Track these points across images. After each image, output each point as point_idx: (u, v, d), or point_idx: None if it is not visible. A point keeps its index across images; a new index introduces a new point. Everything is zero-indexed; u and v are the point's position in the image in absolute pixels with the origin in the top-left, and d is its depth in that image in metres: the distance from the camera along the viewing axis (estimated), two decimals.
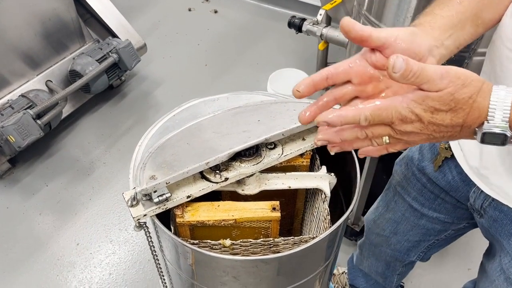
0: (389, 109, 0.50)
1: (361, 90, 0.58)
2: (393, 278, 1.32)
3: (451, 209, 0.98)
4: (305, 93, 0.57)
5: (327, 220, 0.79)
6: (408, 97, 0.50)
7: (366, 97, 0.59)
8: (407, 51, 0.55)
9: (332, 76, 0.57)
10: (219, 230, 0.77)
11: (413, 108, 0.50)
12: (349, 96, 0.59)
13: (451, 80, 0.48)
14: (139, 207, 0.70)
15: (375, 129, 0.53)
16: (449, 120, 0.50)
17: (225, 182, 0.75)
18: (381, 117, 0.51)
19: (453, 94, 0.49)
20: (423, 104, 0.49)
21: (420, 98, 0.49)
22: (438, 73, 0.48)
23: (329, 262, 0.85)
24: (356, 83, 0.58)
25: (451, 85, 0.48)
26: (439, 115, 0.50)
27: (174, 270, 0.83)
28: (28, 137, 1.79)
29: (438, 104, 0.49)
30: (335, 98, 0.59)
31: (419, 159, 0.98)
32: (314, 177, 0.82)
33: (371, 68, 0.57)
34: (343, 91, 0.58)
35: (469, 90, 0.49)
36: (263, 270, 0.71)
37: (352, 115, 0.52)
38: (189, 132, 0.80)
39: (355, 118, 0.52)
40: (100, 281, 1.66)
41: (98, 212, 1.89)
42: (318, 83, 0.57)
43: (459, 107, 0.49)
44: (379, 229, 1.18)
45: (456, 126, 0.51)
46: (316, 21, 1.90)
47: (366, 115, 0.51)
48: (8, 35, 1.90)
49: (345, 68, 0.57)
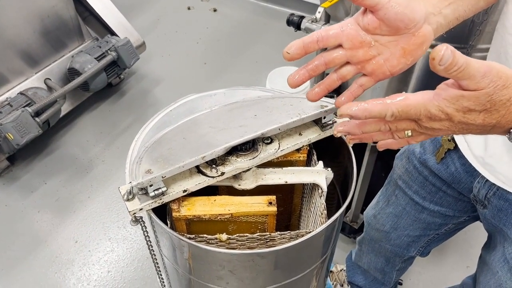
0: (418, 106, 0.48)
1: (352, 55, 0.57)
2: (392, 274, 1.32)
3: (452, 202, 0.99)
4: (295, 55, 0.56)
5: (323, 215, 0.79)
6: (441, 95, 0.48)
7: (357, 62, 0.58)
8: (401, 15, 0.52)
9: (323, 39, 0.56)
10: (215, 225, 0.77)
11: (444, 108, 0.48)
12: (340, 61, 0.58)
13: (492, 79, 0.45)
14: (135, 201, 0.70)
15: (400, 124, 0.52)
16: (481, 120, 0.48)
17: (222, 176, 0.75)
18: (408, 114, 0.49)
19: (491, 96, 0.46)
20: (457, 104, 0.47)
21: (454, 98, 0.47)
22: (482, 71, 0.45)
23: (326, 257, 0.85)
24: (347, 47, 0.57)
25: (491, 85, 0.45)
26: (471, 115, 0.48)
27: (170, 265, 0.83)
28: (26, 135, 1.79)
29: (473, 104, 0.47)
30: (325, 62, 0.58)
31: (421, 152, 0.98)
32: (311, 172, 0.81)
33: (363, 33, 0.55)
34: (333, 55, 0.57)
35: (509, 92, 0.46)
36: (260, 264, 0.70)
37: (378, 110, 0.50)
38: (185, 127, 0.79)
39: (381, 113, 0.50)
40: (99, 279, 1.66)
41: (97, 210, 1.89)
42: (309, 46, 0.55)
43: (494, 109, 0.47)
44: (379, 224, 1.18)
45: (487, 126, 0.49)
46: (314, 18, 1.89)
47: (393, 111, 0.49)
48: (7, 33, 1.90)
49: (336, 31, 0.56)
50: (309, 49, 0.56)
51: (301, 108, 0.79)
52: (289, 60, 0.56)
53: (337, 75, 0.60)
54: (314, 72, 0.58)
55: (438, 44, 0.44)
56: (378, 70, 0.58)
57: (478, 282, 0.98)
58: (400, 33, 0.55)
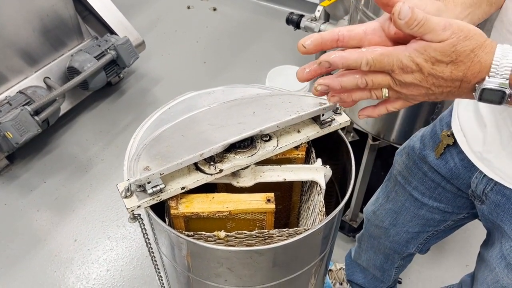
0: (391, 56, 0.50)
1: None
2: (391, 271, 1.32)
3: (451, 198, 0.99)
4: (311, 49, 0.54)
5: (322, 212, 0.79)
6: (411, 46, 0.50)
7: None
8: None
9: (344, 40, 0.54)
10: (214, 222, 0.77)
11: (414, 57, 0.50)
12: None
13: (453, 31, 0.48)
14: (133, 199, 0.70)
15: (375, 76, 0.53)
16: (449, 73, 0.50)
17: (220, 173, 0.75)
18: (382, 63, 0.51)
19: (455, 46, 0.48)
20: (425, 54, 0.49)
21: (422, 48, 0.49)
22: (442, 24, 0.48)
23: (324, 254, 0.85)
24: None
25: (454, 36, 0.48)
26: (439, 67, 0.50)
27: (169, 262, 0.83)
28: (25, 134, 1.79)
29: (440, 54, 0.49)
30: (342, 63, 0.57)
31: (421, 148, 0.98)
32: (309, 170, 0.81)
33: (387, 40, 0.54)
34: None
35: (471, 43, 0.49)
36: (258, 262, 0.70)
37: (354, 58, 0.51)
38: (184, 124, 0.79)
39: (357, 61, 0.51)
40: (98, 277, 1.66)
41: (96, 208, 1.89)
42: (327, 43, 0.54)
43: (460, 60, 0.49)
44: (378, 220, 1.18)
45: (455, 80, 0.51)
46: (314, 17, 1.89)
47: (368, 59, 0.51)
48: (6, 32, 1.90)
49: (359, 33, 0.54)
50: (326, 47, 0.55)
51: (299, 105, 0.79)
52: (303, 53, 0.55)
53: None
54: (326, 70, 0.56)
55: None
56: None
57: (476, 279, 0.98)
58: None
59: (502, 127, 0.74)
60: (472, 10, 0.61)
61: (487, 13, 0.65)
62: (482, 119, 0.78)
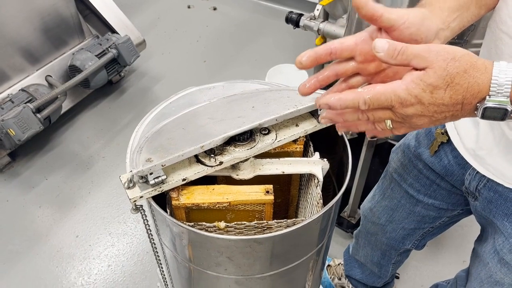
0: (387, 92, 0.51)
1: (363, 67, 0.59)
2: (388, 267, 1.34)
3: (446, 195, 1.00)
4: (307, 65, 0.57)
5: (319, 204, 0.81)
6: (406, 78, 0.50)
7: (367, 74, 0.60)
8: (415, 35, 0.55)
9: (336, 52, 0.57)
10: (214, 213, 0.79)
11: (411, 90, 0.50)
12: (350, 72, 0.60)
13: (438, 53, 0.49)
14: (136, 189, 0.72)
15: (376, 112, 0.54)
16: (449, 98, 0.50)
17: (220, 166, 0.77)
18: (380, 101, 0.51)
19: (446, 69, 0.49)
20: (421, 84, 0.49)
21: (417, 78, 0.49)
22: (425, 47, 0.49)
23: (322, 246, 0.87)
24: (359, 61, 0.58)
25: (440, 58, 0.49)
26: (438, 94, 0.50)
27: (170, 253, 0.85)
28: (28, 131, 1.80)
29: (436, 80, 0.49)
30: (337, 73, 0.60)
31: (416, 145, 1.00)
32: (307, 163, 0.83)
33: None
34: (345, 68, 0.59)
35: (461, 64, 0.49)
36: (257, 251, 0.72)
37: (351, 99, 0.52)
38: (185, 118, 0.81)
39: (354, 102, 0.52)
40: (99, 273, 1.68)
41: (97, 205, 1.91)
42: (321, 57, 0.57)
43: (456, 83, 0.49)
44: (375, 217, 1.20)
45: (456, 104, 0.51)
46: (313, 16, 1.91)
47: (365, 99, 0.51)
48: (8, 30, 1.92)
49: (350, 45, 0.57)
50: (321, 60, 0.57)
51: (297, 100, 0.81)
52: (301, 69, 0.58)
53: (346, 84, 0.62)
54: (324, 82, 0.60)
55: None
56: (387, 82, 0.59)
57: (470, 274, 1.00)
58: None
59: (495, 125, 0.75)
60: (460, 13, 0.62)
61: (477, 16, 0.66)
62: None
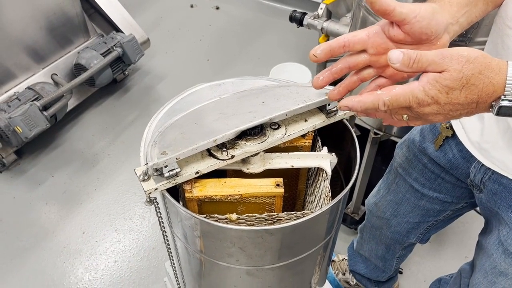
0: (406, 94, 0.53)
1: (375, 60, 0.61)
2: (392, 261, 1.36)
3: (450, 188, 1.03)
4: (322, 58, 0.60)
5: (328, 197, 0.83)
6: (423, 80, 0.52)
7: (379, 67, 0.62)
8: (425, 29, 0.58)
9: (349, 44, 0.60)
10: (225, 206, 0.81)
11: (428, 91, 0.52)
12: (363, 65, 0.62)
13: (452, 57, 0.51)
14: (151, 182, 0.74)
15: (394, 110, 0.56)
16: (464, 97, 0.52)
17: (232, 159, 0.79)
18: (398, 102, 0.53)
19: (461, 71, 0.51)
20: (437, 85, 0.51)
21: (433, 80, 0.51)
22: (439, 54, 0.51)
23: (329, 238, 0.89)
24: (372, 53, 0.61)
25: (454, 62, 0.51)
26: (453, 94, 0.52)
27: (182, 244, 0.87)
28: (35, 128, 1.83)
29: (451, 82, 0.51)
30: (349, 66, 0.62)
31: (421, 140, 1.02)
32: (315, 157, 0.85)
33: (388, 41, 0.59)
34: (357, 60, 0.62)
35: (476, 66, 0.51)
36: (268, 241, 0.74)
37: (371, 101, 0.55)
38: (196, 113, 0.83)
39: (374, 103, 0.54)
40: (106, 268, 1.70)
41: (103, 202, 1.93)
42: (335, 50, 0.60)
43: (471, 83, 0.51)
44: (380, 211, 1.22)
45: (471, 103, 0.53)
46: (317, 15, 1.93)
47: (384, 101, 0.54)
48: (14, 29, 1.94)
49: (363, 37, 0.60)
50: (335, 53, 0.60)
51: (306, 95, 0.83)
52: (315, 62, 0.61)
53: (358, 77, 0.64)
54: (338, 75, 0.62)
55: None
56: (398, 74, 0.62)
57: (475, 266, 1.02)
58: (422, 43, 0.60)
59: (500, 118, 0.77)
60: (469, 9, 0.64)
61: (484, 12, 0.68)
62: None
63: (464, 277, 1.15)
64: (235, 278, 0.86)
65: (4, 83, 1.98)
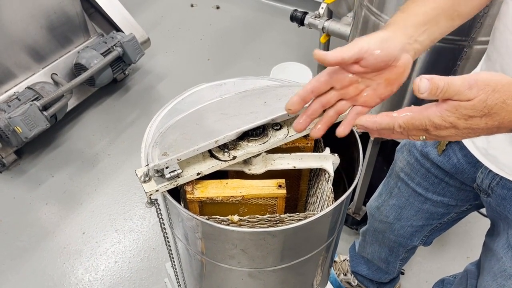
0: (422, 118, 0.52)
1: (344, 93, 0.64)
2: (396, 263, 1.34)
3: (455, 192, 1.01)
4: (296, 109, 0.64)
5: (330, 199, 0.82)
6: (442, 106, 0.51)
7: (349, 98, 0.64)
8: (380, 59, 0.59)
9: (316, 89, 0.63)
10: (227, 207, 0.81)
11: (446, 117, 0.51)
12: (335, 100, 0.65)
13: (479, 88, 0.49)
14: (152, 183, 0.73)
15: (410, 131, 0.55)
16: (484, 124, 0.51)
17: (233, 160, 0.78)
18: (414, 125, 0.53)
19: (485, 101, 0.49)
20: (457, 113, 0.51)
21: (453, 108, 0.50)
22: (466, 84, 0.49)
23: (332, 240, 0.88)
24: (339, 88, 0.63)
25: (481, 92, 0.49)
26: (473, 121, 0.51)
27: (183, 246, 0.86)
28: (35, 128, 1.82)
29: (472, 112, 0.50)
30: (322, 105, 0.65)
31: (422, 145, 1.00)
32: (318, 158, 0.85)
33: (350, 75, 0.62)
34: (328, 98, 0.64)
35: (501, 95, 0.50)
36: (270, 243, 0.74)
37: (386, 123, 0.55)
38: (198, 113, 0.82)
39: (390, 125, 0.54)
40: (106, 269, 1.69)
41: (104, 202, 1.92)
42: (306, 98, 0.63)
43: (493, 112, 0.50)
44: (383, 215, 1.21)
45: (491, 128, 0.52)
46: (318, 14, 1.93)
47: (399, 124, 0.54)
48: (14, 29, 1.93)
49: (326, 79, 0.63)
50: (307, 100, 0.64)
51: None
52: (292, 114, 0.66)
53: (334, 110, 0.66)
54: (315, 116, 0.66)
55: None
56: (369, 100, 0.65)
57: (483, 268, 1.00)
58: (383, 69, 0.61)
59: None
60: (428, 28, 0.64)
61: (451, 27, 0.68)
62: None
63: (470, 277, 1.13)
64: (237, 280, 0.85)
65: (4, 83, 1.98)
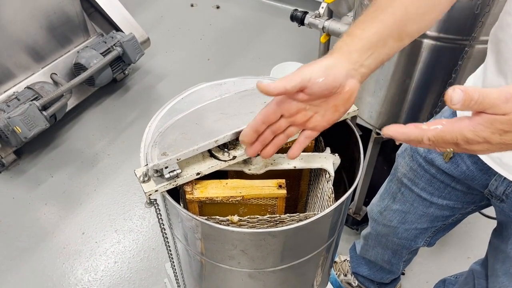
0: (454, 132, 0.50)
1: (293, 120, 0.65)
2: (399, 265, 1.33)
3: (461, 195, 1.00)
4: (250, 140, 0.66)
5: (331, 199, 0.81)
6: (475, 120, 0.49)
7: (299, 124, 0.66)
8: (323, 87, 0.60)
9: (266, 119, 0.65)
10: (227, 207, 0.80)
11: (480, 132, 0.49)
12: (284, 127, 0.67)
13: None
14: (151, 183, 0.73)
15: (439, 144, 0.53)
16: None
17: (233, 160, 0.77)
18: (444, 139, 0.51)
19: None
20: (492, 128, 0.48)
21: (488, 122, 0.48)
22: (503, 97, 0.46)
23: (332, 241, 0.87)
24: (287, 116, 0.65)
25: None
26: (508, 136, 0.48)
27: (182, 246, 0.85)
28: (34, 128, 1.81)
29: (508, 126, 0.48)
30: (273, 132, 0.67)
31: (426, 151, 0.98)
32: (318, 158, 0.84)
33: (296, 102, 0.63)
34: (278, 126, 0.66)
35: None
36: (270, 244, 0.73)
37: (416, 136, 0.52)
38: (197, 113, 0.82)
39: (418, 138, 0.52)
40: (106, 269, 1.68)
41: (103, 202, 1.92)
42: (259, 129, 0.65)
43: None
44: (386, 220, 1.19)
45: None
46: (318, 14, 1.92)
47: (429, 137, 0.51)
48: (13, 28, 1.93)
49: (275, 108, 0.64)
50: (259, 131, 0.66)
51: None
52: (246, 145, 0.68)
53: (284, 135, 0.68)
54: (265, 142, 0.68)
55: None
56: (318, 125, 0.66)
57: (494, 269, 0.99)
58: (328, 96, 0.62)
59: None
60: (374, 51, 0.63)
61: (399, 47, 0.67)
62: None
63: (477, 277, 1.12)
64: (237, 281, 0.85)
65: (3, 83, 1.97)
